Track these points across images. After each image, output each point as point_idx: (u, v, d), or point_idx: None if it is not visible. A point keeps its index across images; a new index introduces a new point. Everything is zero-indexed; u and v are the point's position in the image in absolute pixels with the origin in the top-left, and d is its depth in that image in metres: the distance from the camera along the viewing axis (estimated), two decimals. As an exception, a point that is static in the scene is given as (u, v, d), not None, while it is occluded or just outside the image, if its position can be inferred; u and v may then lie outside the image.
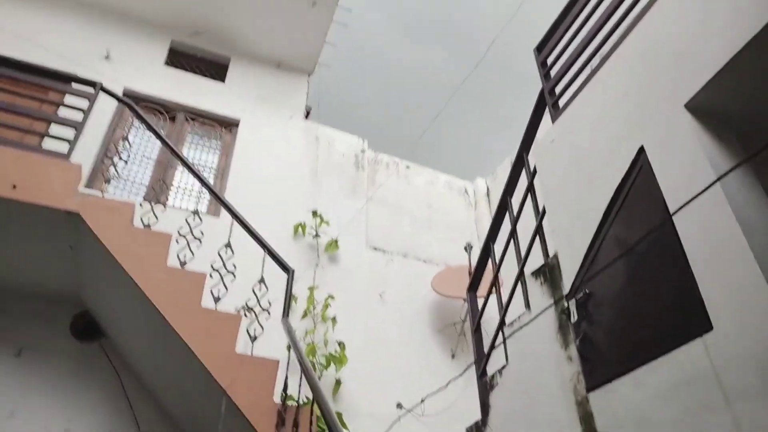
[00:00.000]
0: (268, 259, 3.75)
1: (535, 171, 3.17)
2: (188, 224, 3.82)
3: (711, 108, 2.08)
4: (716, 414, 1.77)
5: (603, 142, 2.57)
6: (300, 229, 5.64)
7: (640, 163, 2.32)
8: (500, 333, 3.12)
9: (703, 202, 1.97)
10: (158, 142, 5.52)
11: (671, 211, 2.08)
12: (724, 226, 1.88)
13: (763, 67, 1.94)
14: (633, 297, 2.26)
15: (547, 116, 3.26)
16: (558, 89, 3.14)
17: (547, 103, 3.16)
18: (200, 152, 6.03)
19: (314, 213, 5.77)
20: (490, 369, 3.19)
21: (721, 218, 1.89)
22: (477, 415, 3.17)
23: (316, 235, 5.67)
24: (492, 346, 3.26)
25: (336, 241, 5.69)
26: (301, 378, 2.86)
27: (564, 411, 2.45)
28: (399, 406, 4.98)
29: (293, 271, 3.73)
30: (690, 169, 2.06)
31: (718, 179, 1.93)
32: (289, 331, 3.23)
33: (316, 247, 5.64)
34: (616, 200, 2.41)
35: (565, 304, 2.59)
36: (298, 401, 3.00)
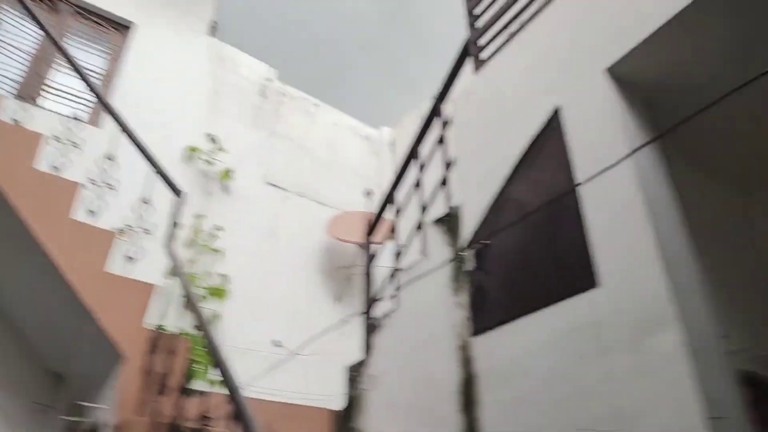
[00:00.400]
0: (154, 180, 3.43)
1: (448, 121, 3.14)
2: (67, 127, 3.38)
3: (631, 76, 2.14)
4: (590, 364, 1.89)
5: (521, 99, 2.59)
6: (192, 152, 5.25)
7: (554, 123, 2.35)
8: (392, 277, 3.13)
9: (611, 171, 2.03)
10: (33, 34, 4.83)
11: (580, 179, 2.13)
12: (627, 196, 1.95)
13: (688, 42, 2.01)
14: (527, 251, 2.34)
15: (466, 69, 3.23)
16: (482, 41, 3.11)
17: (470, 53, 3.12)
18: (84, 54, 5.34)
19: (210, 137, 5.40)
20: (379, 313, 3.21)
21: (626, 188, 1.96)
22: (355, 359, 3.18)
23: (210, 162, 5.33)
24: (382, 289, 3.27)
25: (230, 171, 5.38)
26: (185, 307, 2.67)
27: (446, 354, 2.52)
28: (277, 344, 4.92)
29: (184, 194, 3.46)
30: (603, 136, 2.11)
31: (632, 153, 1.99)
32: (174, 257, 3.01)
33: (208, 175, 5.31)
34: (526, 157, 2.45)
35: (463, 253, 2.63)
36: (181, 332, 2.82)
